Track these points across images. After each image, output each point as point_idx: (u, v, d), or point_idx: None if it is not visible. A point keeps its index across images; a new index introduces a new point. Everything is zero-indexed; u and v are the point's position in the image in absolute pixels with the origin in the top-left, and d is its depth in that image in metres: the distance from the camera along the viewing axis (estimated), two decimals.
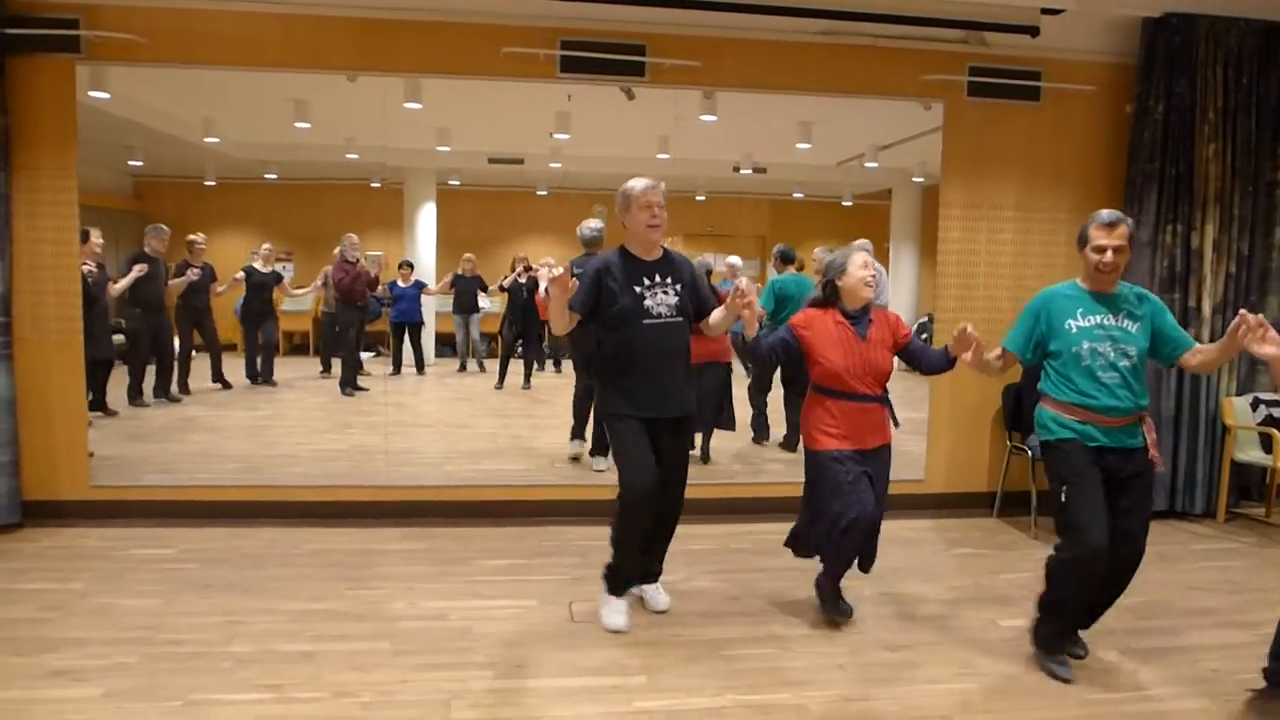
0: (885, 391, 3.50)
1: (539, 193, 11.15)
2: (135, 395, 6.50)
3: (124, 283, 5.92)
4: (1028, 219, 5.08)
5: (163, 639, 3.31)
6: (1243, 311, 2.79)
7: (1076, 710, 2.96)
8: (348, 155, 8.13)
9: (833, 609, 3.62)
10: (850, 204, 10.90)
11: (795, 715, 2.89)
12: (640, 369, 3.46)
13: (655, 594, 3.75)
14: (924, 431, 5.20)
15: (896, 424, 3.55)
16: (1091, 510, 3.07)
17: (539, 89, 5.00)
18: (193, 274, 6.98)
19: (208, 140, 7.84)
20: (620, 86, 5.09)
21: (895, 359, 3.54)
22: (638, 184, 3.50)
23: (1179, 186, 4.92)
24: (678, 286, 3.51)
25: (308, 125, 6.88)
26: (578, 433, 5.89)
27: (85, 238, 5.80)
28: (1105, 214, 3.11)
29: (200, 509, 4.66)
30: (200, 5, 4.42)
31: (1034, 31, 4.68)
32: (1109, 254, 3.06)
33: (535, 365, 8.91)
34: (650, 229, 3.48)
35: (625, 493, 3.43)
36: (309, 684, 3.01)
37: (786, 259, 6.45)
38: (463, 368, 9.59)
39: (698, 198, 10.24)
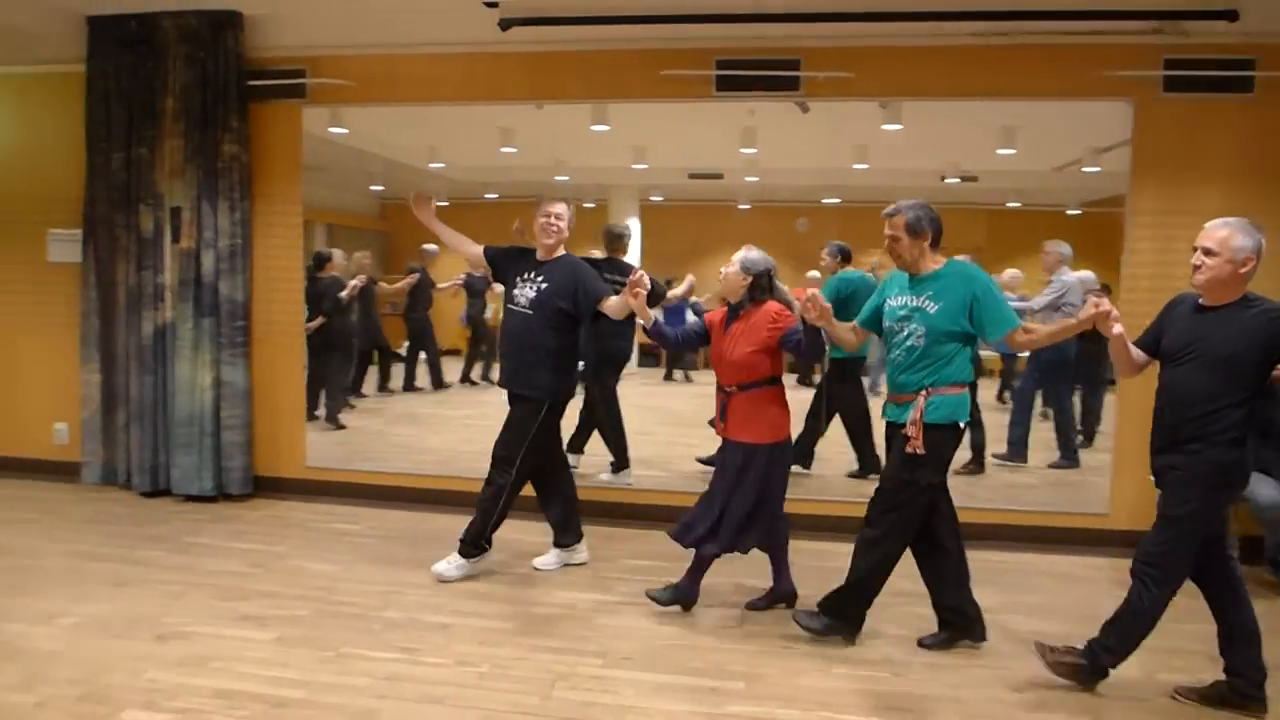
0: (756, 383, 3.58)
1: (741, 206, 11.30)
2: (409, 384, 8.17)
3: (395, 286, 7.77)
4: None
5: (334, 599, 3.84)
6: (1093, 299, 3.02)
7: None
8: (557, 177, 8.74)
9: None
10: (1078, 212, 10.06)
11: None
12: (500, 342, 4.25)
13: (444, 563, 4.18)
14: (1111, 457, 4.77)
15: (712, 423, 3.69)
16: None
17: (723, 107, 5.13)
18: (412, 278, 8.11)
19: (432, 166, 8.78)
20: (795, 100, 5.15)
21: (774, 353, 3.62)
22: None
23: None
24: (543, 286, 4.04)
25: (514, 150, 7.53)
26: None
27: (328, 259, 6.91)
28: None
29: (390, 492, 5.28)
30: (398, 51, 5.05)
31: (1232, 16, 4.18)
32: (886, 240, 3.38)
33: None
34: (541, 231, 4.12)
35: None
36: (438, 651, 3.36)
37: (846, 256, 6.41)
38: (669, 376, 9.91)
39: None
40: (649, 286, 3.63)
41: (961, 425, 3.34)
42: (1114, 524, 4.72)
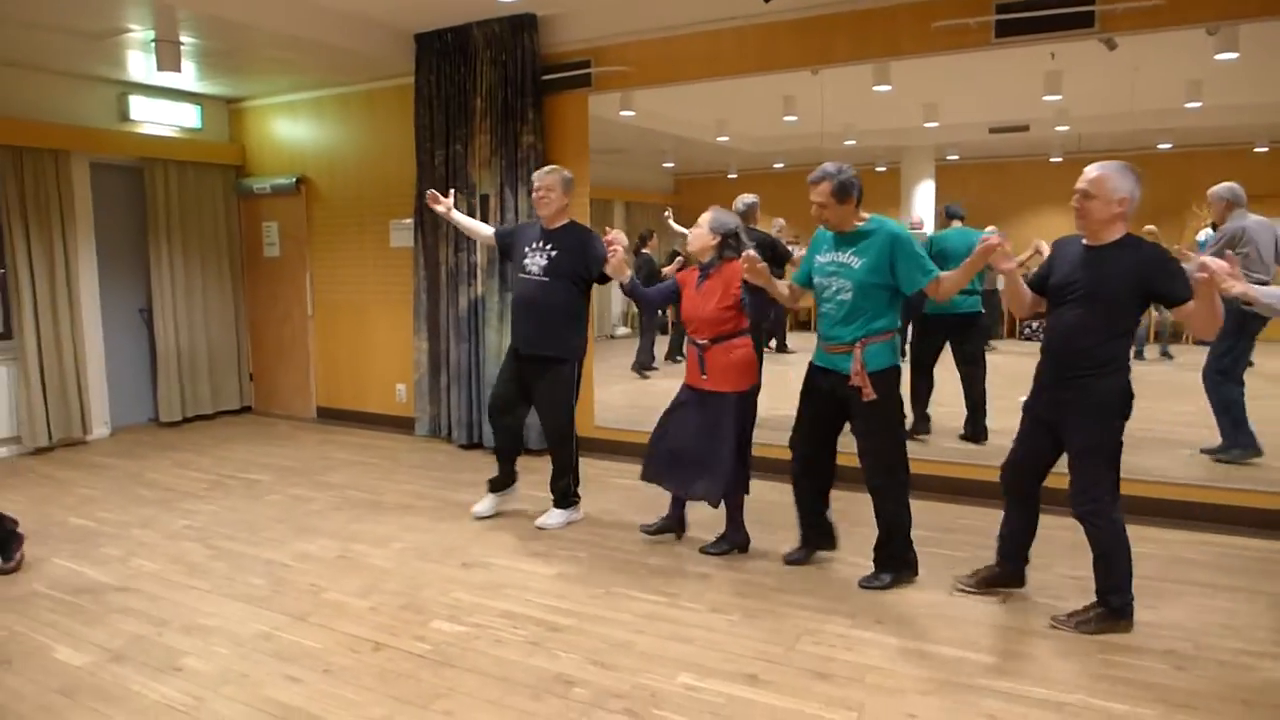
0: (726, 335, 3.85)
1: (1053, 159, 10.23)
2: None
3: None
4: None
5: (609, 545, 4.23)
6: (986, 234, 3.17)
7: None
8: (845, 141, 8.58)
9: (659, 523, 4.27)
10: None
11: None
12: (514, 309, 4.38)
13: (546, 516, 4.52)
14: None
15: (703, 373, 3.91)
16: (799, 418, 3.78)
17: (1021, 52, 4.83)
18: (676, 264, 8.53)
19: (719, 139, 9.00)
20: (1099, 38, 4.69)
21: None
22: None
23: None
24: (553, 253, 4.24)
25: (795, 118, 7.53)
26: None
27: (649, 237, 7.50)
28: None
29: None
30: (673, 33, 5.31)
31: None
32: (813, 207, 3.51)
33: None
34: (535, 203, 4.31)
35: None
36: (696, 598, 3.59)
37: (952, 215, 6.58)
38: None
39: (1257, 149, 8.50)
40: (625, 243, 3.92)
41: (899, 365, 3.56)
42: None
